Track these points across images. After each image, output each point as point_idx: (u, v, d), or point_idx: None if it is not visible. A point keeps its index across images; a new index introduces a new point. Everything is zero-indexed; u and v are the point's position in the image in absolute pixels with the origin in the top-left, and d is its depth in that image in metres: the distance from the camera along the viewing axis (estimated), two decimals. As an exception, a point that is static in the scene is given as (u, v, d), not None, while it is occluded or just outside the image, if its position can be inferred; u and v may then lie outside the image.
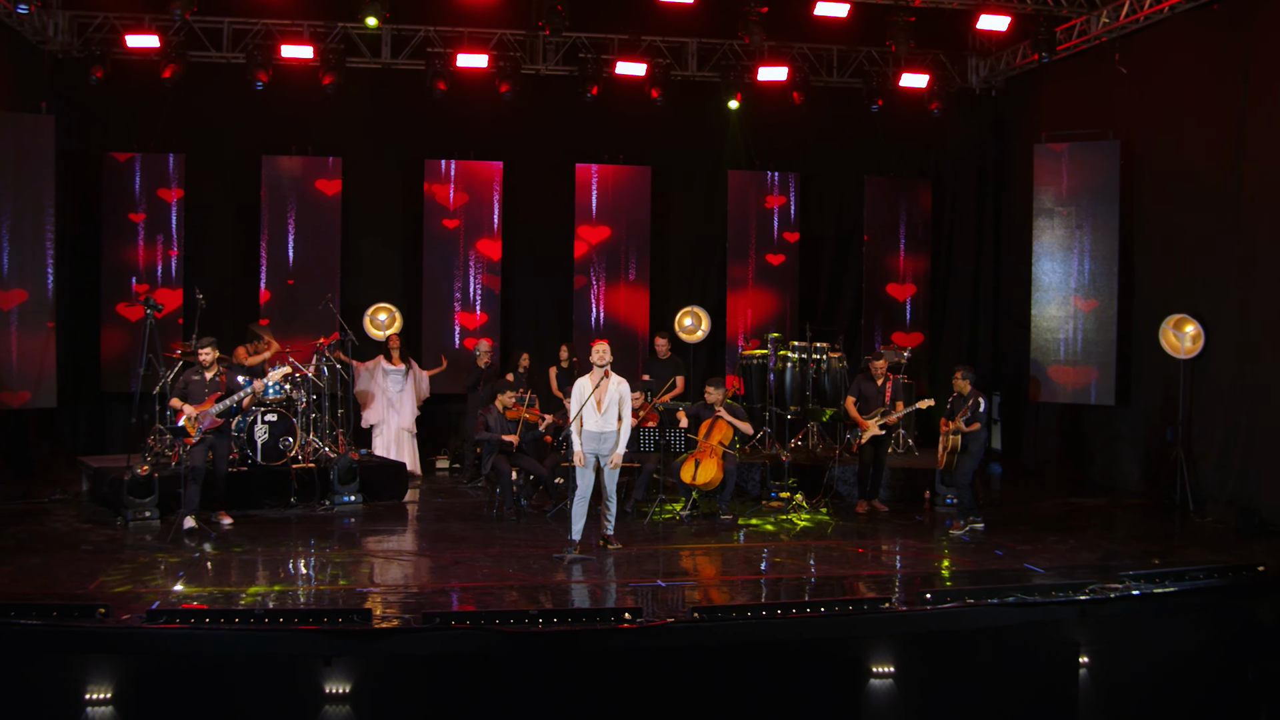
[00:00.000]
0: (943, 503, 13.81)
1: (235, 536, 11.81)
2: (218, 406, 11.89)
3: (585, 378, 11.21)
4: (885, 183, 17.67)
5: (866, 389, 13.57)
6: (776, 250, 17.46)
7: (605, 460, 11.12)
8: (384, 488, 13.83)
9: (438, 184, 16.66)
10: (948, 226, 18.06)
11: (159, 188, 16.00)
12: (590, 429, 11.06)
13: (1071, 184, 15.58)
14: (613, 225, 17.05)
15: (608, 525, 11.34)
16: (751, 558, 11.49)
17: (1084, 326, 15.44)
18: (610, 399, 11.08)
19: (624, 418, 11.15)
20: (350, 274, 16.48)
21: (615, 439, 11.13)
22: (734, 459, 13.28)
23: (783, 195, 17.50)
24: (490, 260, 16.80)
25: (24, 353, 14.33)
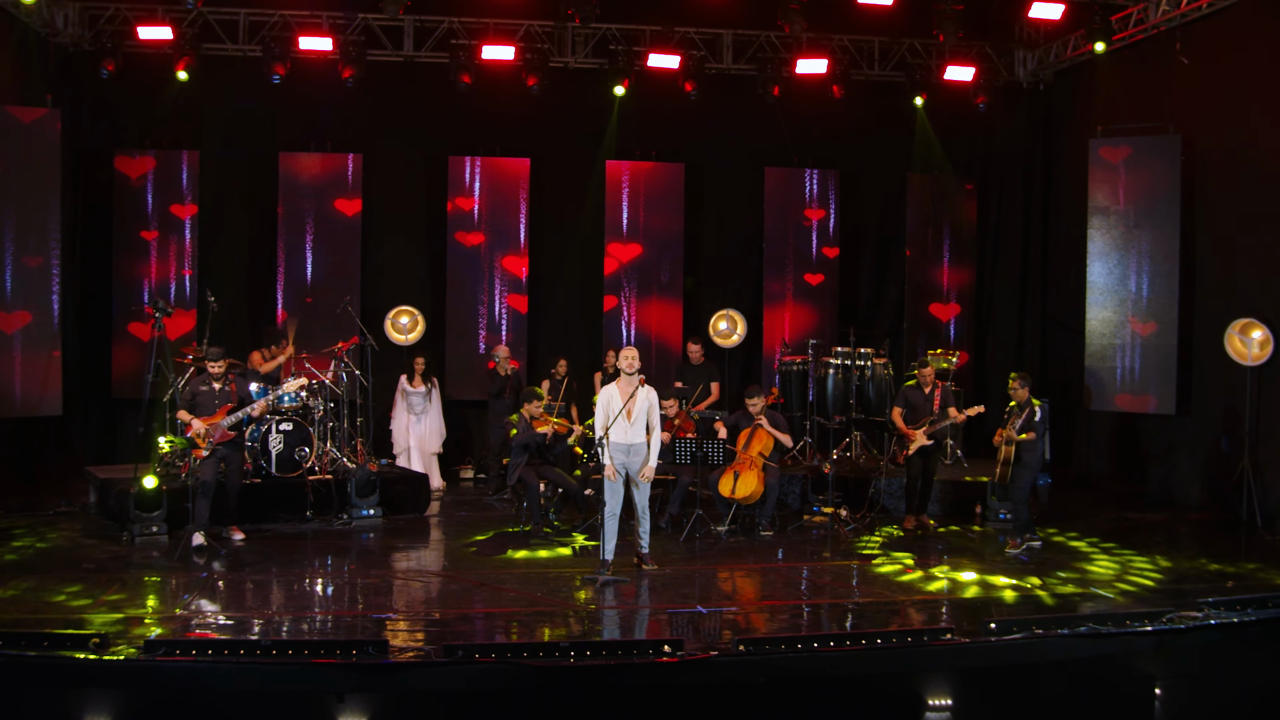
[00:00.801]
0: (995, 518, 13.01)
1: (246, 553, 11.12)
2: (228, 419, 11.20)
3: (612, 386, 10.47)
4: (928, 181, 16.84)
5: (914, 398, 12.78)
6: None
7: (635, 474, 10.38)
8: (405, 501, 13.12)
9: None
10: (993, 225, 17.23)
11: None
12: (619, 441, 10.33)
13: (1129, 181, 14.75)
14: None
15: (642, 543, 10.60)
16: (795, 579, 10.71)
17: (1142, 346, 14.58)
18: (639, 409, 10.34)
19: (654, 428, 10.40)
20: (370, 275, 15.78)
21: (646, 451, 10.39)
22: (775, 472, 12.52)
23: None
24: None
25: (28, 375, 13.74)
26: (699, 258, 16.65)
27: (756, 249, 16.69)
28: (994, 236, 17.22)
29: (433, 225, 16.05)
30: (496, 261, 15.97)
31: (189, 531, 10.99)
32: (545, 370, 14.93)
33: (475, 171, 15.90)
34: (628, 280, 16.25)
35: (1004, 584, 10.41)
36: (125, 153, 15.17)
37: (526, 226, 15.99)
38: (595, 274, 16.36)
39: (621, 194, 16.19)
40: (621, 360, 10.38)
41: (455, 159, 15.88)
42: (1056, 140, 16.85)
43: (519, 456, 12.29)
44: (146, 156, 15.22)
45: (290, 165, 15.52)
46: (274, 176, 15.46)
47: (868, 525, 12.77)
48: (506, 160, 15.98)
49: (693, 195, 16.44)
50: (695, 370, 14.31)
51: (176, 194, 15.25)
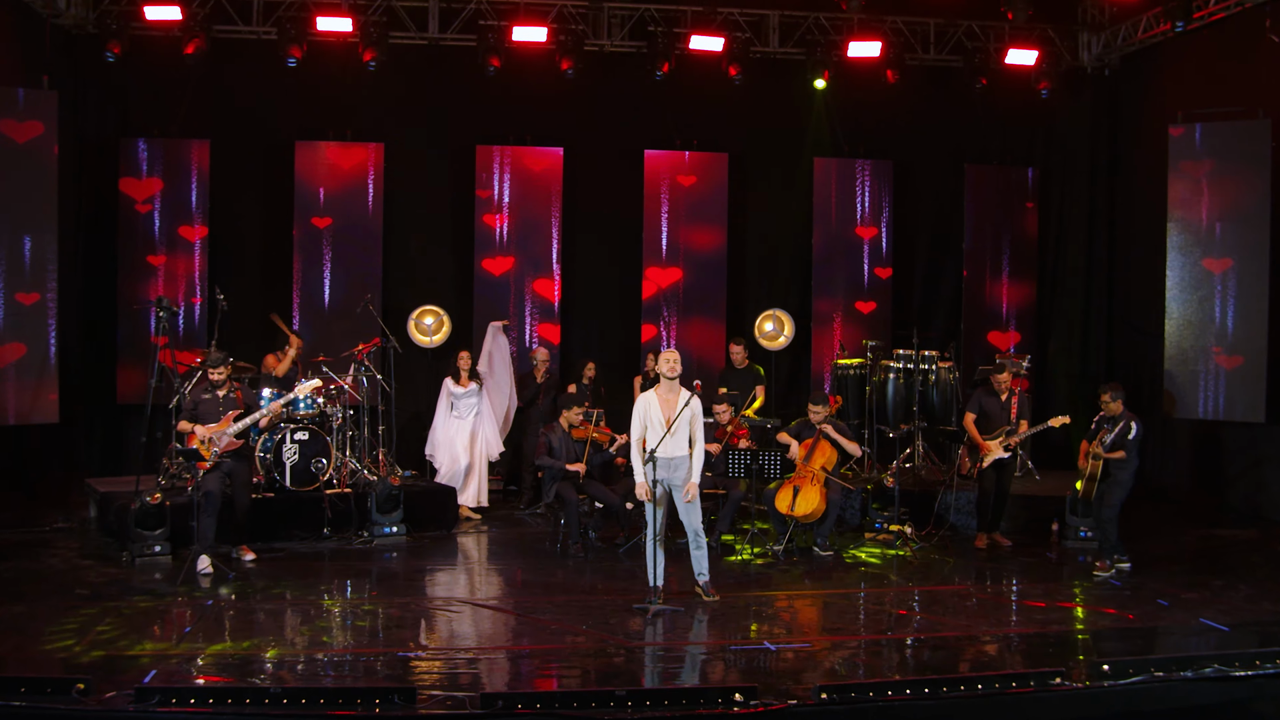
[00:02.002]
0: (1075, 536, 11.82)
1: (257, 576, 10.01)
2: (234, 426, 10.10)
3: (650, 393, 9.31)
4: (987, 172, 15.66)
5: (988, 405, 11.61)
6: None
7: (678, 491, 9.21)
8: (431, 517, 11.99)
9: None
10: (1055, 220, 16.02)
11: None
12: (658, 454, 9.14)
13: (1212, 168, 13.52)
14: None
15: (700, 572, 9.41)
16: (868, 608, 9.53)
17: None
18: (682, 418, 9.15)
19: (697, 440, 9.24)
20: (393, 272, 14.65)
21: (688, 465, 9.22)
22: (838, 487, 11.37)
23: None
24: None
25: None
26: (743, 253, 15.47)
27: (805, 243, 15.50)
28: (1056, 233, 16.02)
29: (459, 219, 14.91)
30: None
31: (194, 553, 9.90)
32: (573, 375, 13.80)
33: (505, 162, 14.76)
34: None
35: (1100, 614, 9.22)
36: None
37: (559, 221, 14.83)
38: (633, 267, 15.19)
39: (661, 188, 15.01)
40: (661, 364, 9.23)
41: (484, 148, 14.75)
42: (1125, 128, 15.65)
43: (555, 471, 11.16)
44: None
45: (307, 155, 14.40)
46: (290, 167, 14.34)
47: (936, 544, 11.58)
48: (538, 150, 14.82)
49: (736, 187, 15.28)
50: (739, 375, 13.18)
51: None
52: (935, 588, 10.13)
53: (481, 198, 14.73)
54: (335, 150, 14.41)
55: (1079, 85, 15.80)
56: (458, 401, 12.64)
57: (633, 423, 9.26)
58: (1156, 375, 14.15)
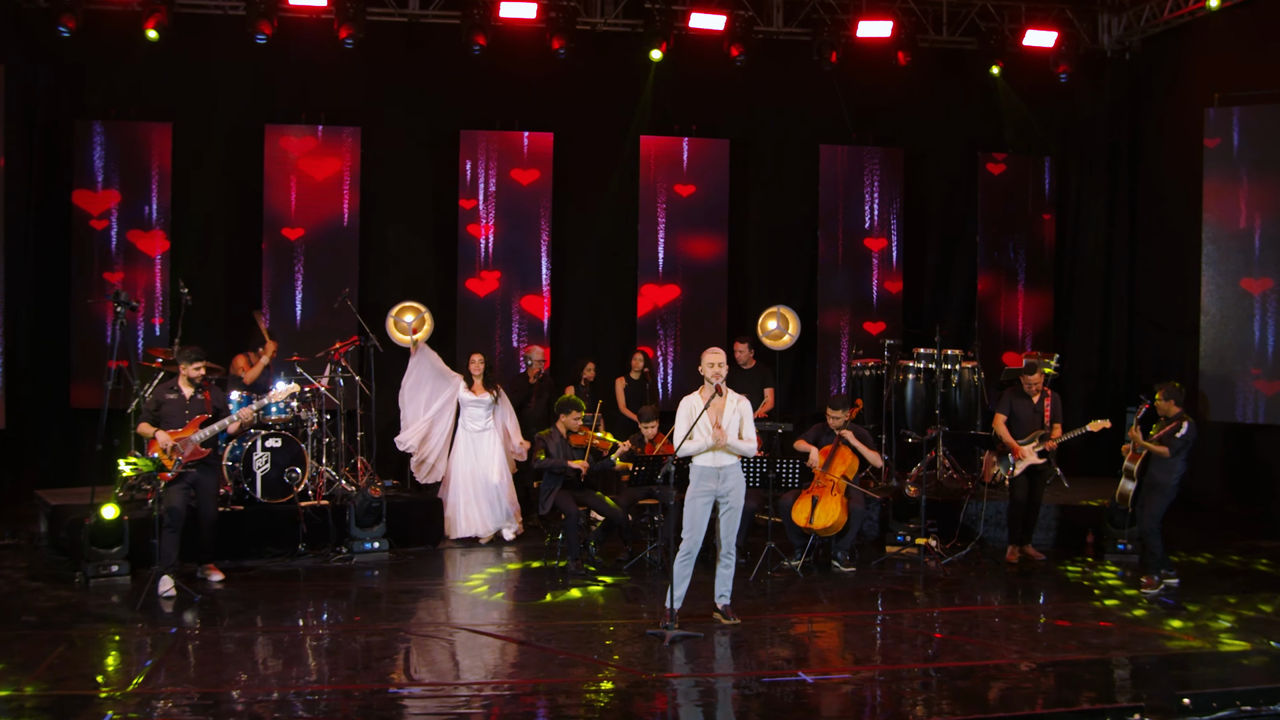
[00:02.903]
0: (1113, 548, 11.08)
1: (226, 599, 9.13)
2: (201, 433, 9.21)
3: (695, 395, 8.51)
4: (1001, 161, 14.90)
5: (1019, 407, 10.85)
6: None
7: (725, 503, 8.42)
8: (415, 531, 11.13)
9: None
10: (1072, 213, 15.29)
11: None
12: (705, 464, 8.38)
13: (1247, 155, 12.83)
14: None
15: (723, 593, 8.60)
16: (902, 630, 8.73)
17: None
18: (729, 422, 8.39)
19: (746, 437, 8.47)
20: (371, 266, 13.74)
21: (739, 475, 8.46)
22: (861, 497, 10.58)
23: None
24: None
25: None
26: (744, 245, 14.66)
27: (810, 236, 14.70)
28: (1073, 225, 15.28)
29: (441, 207, 14.02)
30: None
31: (155, 573, 9.01)
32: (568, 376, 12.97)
33: (491, 149, 13.89)
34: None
35: (1158, 636, 8.46)
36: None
37: (549, 211, 13.98)
38: (627, 262, 14.38)
39: (655, 173, 14.19)
40: (705, 366, 8.42)
41: (468, 133, 13.87)
42: (1146, 115, 14.94)
43: (552, 480, 10.33)
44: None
45: (278, 139, 13.48)
46: (259, 152, 13.41)
47: (965, 558, 10.80)
48: (527, 135, 13.95)
49: (737, 174, 14.47)
50: (746, 376, 12.34)
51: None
52: (972, 608, 9.39)
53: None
54: (307, 135, 13.49)
55: (1097, 69, 15.08)
56: (467, 409, 11.44)
57: (676, 425, 8.48)
58: (1186, 375, 13.44)
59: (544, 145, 13.95)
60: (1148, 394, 10.18)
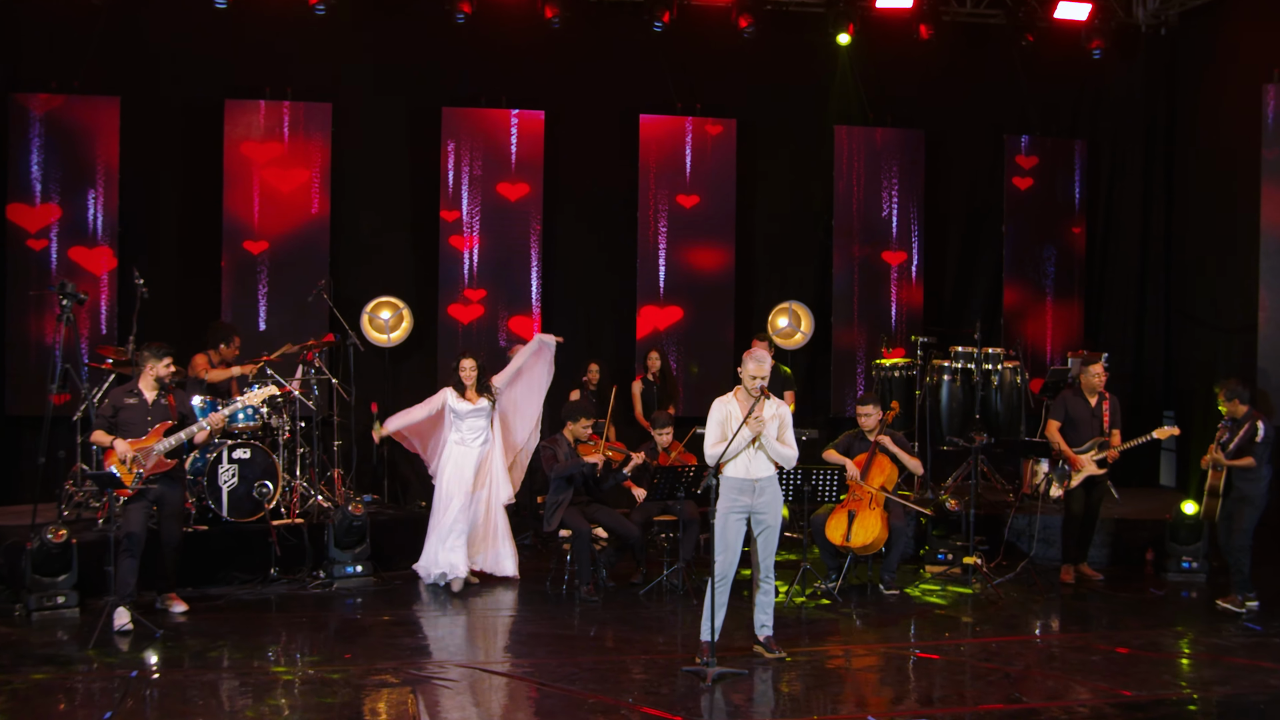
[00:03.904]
0: (1177, 567, 10.34)
1: (190, 634, 8.20)
2: (165, 442, 8.27)
3: (730, 398, 7.70)
4: (1030, 144, 14.18)
5: (1076, 410, 10.11)
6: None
7: (760, 521, 7.60)
8: (401, 553, 10.20)
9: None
10: (1104, 199, 14.56)
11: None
12: (738, 476, 7.58)
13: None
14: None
15: (764, 623, 7.78)
16: (966, 663, 7.90)
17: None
18: (769, 428, 7.61)
19: (787, 443, 7.69)
20: (344, 256, 12.77)
21: (775, 489, 7.68)
22: (901, 511, 9.79)
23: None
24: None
25: None
26: (752, 237, 13.83)
27: (824, 223, 13.90)
28: (1105, 215, 14.57)
29: (421, 194, 13.09)
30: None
31: (110, 605, 8.06)
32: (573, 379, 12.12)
33: (475, 126, 13.00)
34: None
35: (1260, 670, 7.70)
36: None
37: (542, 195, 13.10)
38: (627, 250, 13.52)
39: (656, 159, 13.34)
40: (747, 377, 7.60)
41: (451, 112, 12.97)
42: (1183, 95, 14.24)
43: (560, 493, 9.46)
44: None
45: (240, 116, 12.48)
46: (218, 130, 12.42)
47: (1015, 578, 10.01)
48: (515, 114, 13.05)
49: (745, 157, 13.64)
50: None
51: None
52: (1037, 636, 8.61)
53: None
54: (274, 110, 12.53)
55: (1130, 45, 14.37)
56: (459, 421, 9.74)
57: (708, 430, 7.70)
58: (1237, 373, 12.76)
59: (534, 127, 13.05)
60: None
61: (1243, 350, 12.83)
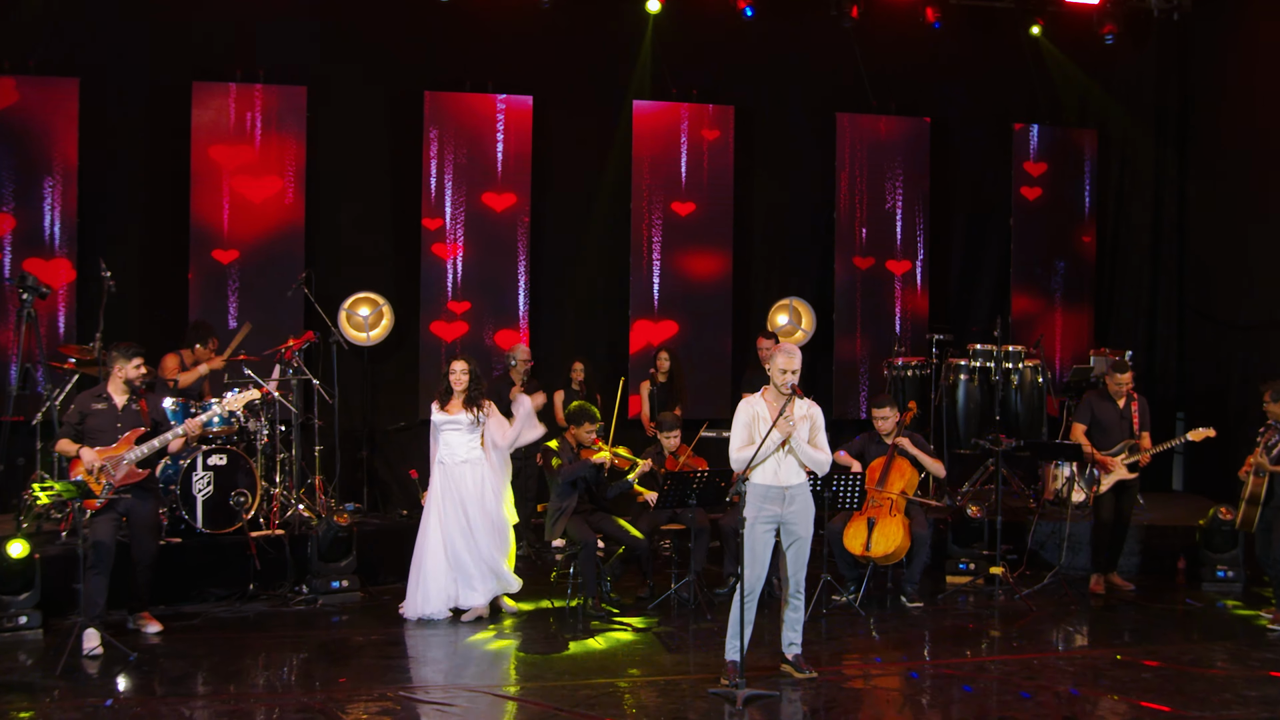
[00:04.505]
0: (1212, 576, 10.00)
1: (165, 656, 7.71)
2: (137, 450, 7.76)
3: (757, 399, 7.31)
4: (1039, 143, 13.83)
5: (1103, 412, 9.75)
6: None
7: (790, 531, 7.19)
8: (388, 565, 9.74)
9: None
10: (1114, 192, 14.25)
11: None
12: (766, 483, 7.18)
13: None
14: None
15: (793, 639, 7.38)
16: (1013, 679, 7.47)
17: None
18: (800, 432, 7.21)
19: (819, 446, 7.33)
20: (320, 260, 12.15)
21: (807, 498, 7.27)
22: (923, 518, 9.40)
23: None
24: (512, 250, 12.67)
25: None
26: (749, 229, 13.41)
27: (826, 216, 13.50)
28: (1116, 205, 14.25)
29: (402, 181, 12.59)
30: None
31: (79, 626, 7.54)
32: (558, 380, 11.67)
33: (460, 112, 12.52)
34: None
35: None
36: None
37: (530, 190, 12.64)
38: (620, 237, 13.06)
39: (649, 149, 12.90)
40: (776, 371, 7.21)
41: (435, 96, 12.48)
42: (1199, 81, 13.94)
43: (563, 500, 8.99)
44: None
45: (209, 99, 11.94)
46: (186, 114, 11.86)
47: (1043, 589, 9.64)
48: (502, 100, 12.57)
49: (743, 145, 13.23)
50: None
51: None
52: (1081, 652, 8.28)
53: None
54: (246, 93, 12.00)
55: (1142, 31, 14.05)
56: (441, 433, 8.75)
57: (734, 433, 7.30)
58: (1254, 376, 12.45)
59: (522, 113, 12.58)
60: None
61: (1263, 349, 12.55)
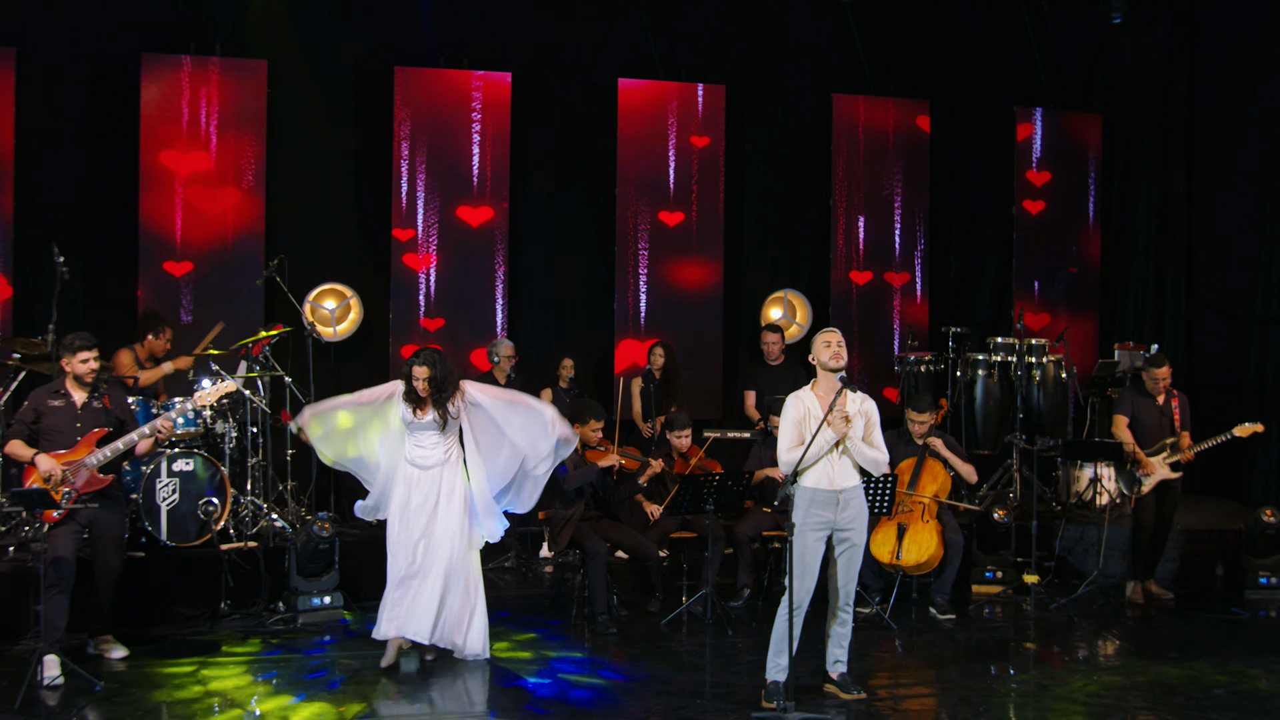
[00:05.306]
0: (1254, 583, 9.65)
1: (133, 684, 7.08)
2: (98, 454, 7.09)
3: (806, 392, 6.80)
4: (1042, 116, 13.50)
5: (1142, 408, 9.37)
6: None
7: (843, 539, 6.70)
8: (373, 579, 9.01)
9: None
10: (1119, 177, 13.93)
11: None
12: (816, 484, 6.66)
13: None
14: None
15: (840, 657, 6.89)
16: (1076, 696, 7.02)
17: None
18: (854, 428, 6.71)
19: (876, 444, 6.81)
20: (278, 234, 11.53)
21: (862, 502, 6.79)
22: (956, 524, 8.96)
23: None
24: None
25: None
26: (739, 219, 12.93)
27: (823, 203, 13.04)
28: (1120, 195, 13.93)
29: (371, 163, 11.96)
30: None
31: (37, 653, 6.87)
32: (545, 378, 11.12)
33: (433, 89, 11.92)
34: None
35: None
36: None
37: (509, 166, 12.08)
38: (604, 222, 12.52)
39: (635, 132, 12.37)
40: (820, 349, 6.74)
41: (405, 71, 11.86)
42: (1207, 62, 13.64)
43: (569, 507, 8.44)
44: None
45: (159, 74, 11.24)
46: (134, 91, 11.17)
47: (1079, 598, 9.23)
48: (478, 76, 12.00)
49: (733, 127, 12.73)
50: (776, 374, 10.75)
51: None
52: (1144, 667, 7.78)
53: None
54: (201, 68, 11.31)
55: (1148, 12, 13.75)
56: (414, 434, 7.47)
57: (782, 431, 6.79)
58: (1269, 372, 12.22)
59: (500, 90, 12.00)
60: None
61: (1277, 343, 12.29)
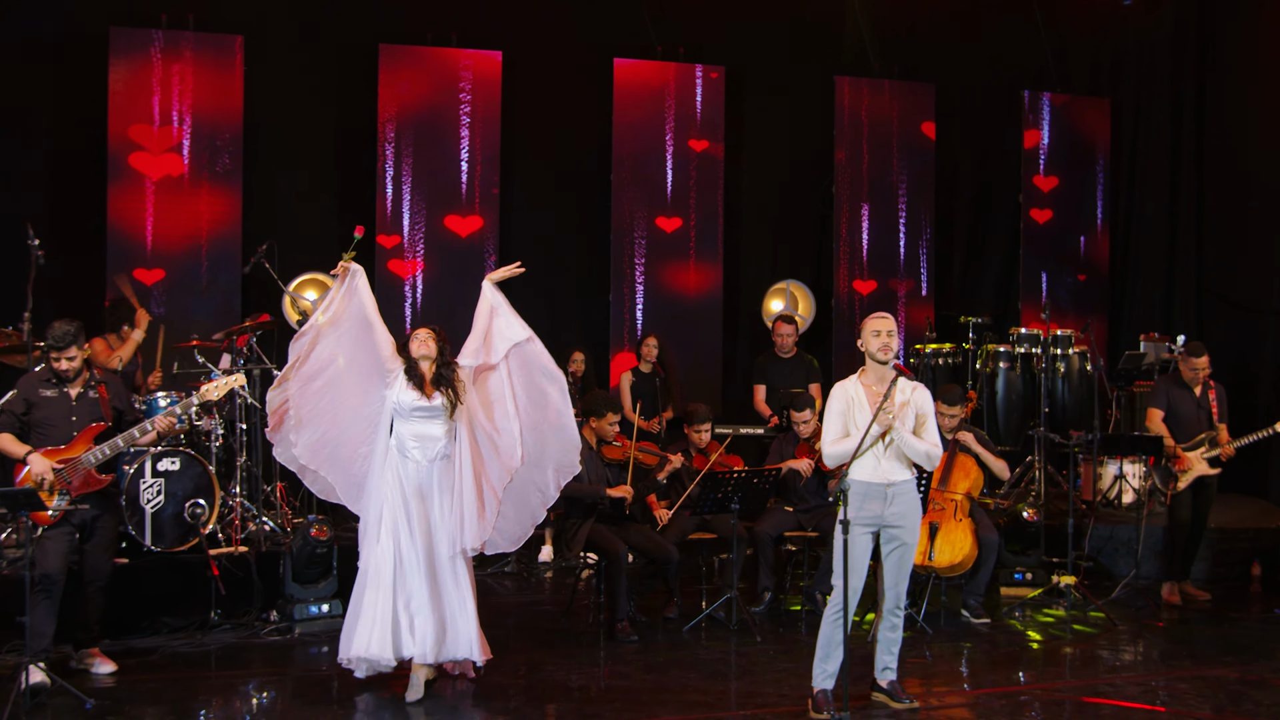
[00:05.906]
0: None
1: (125, 699, 6.67)
2: (96, 452, 6.69)
3: (851, 381, 6.50)
4: (1050, 101, 13.33)
5: (1179, 400, 9.16)
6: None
7: (892, 537, 6.41)
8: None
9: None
10: (1127, 168, 13.81)
11: None
12: (864, 478, 6.38)
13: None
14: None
15: (889, 663, 6.61)
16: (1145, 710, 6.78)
17: None
18: (905, 419, 6.44)
19: (929, 439, 6.49)
20: (255, 222, 11.15)
21: (913, 497, 6.48)
22: (989, 523, 8.72)
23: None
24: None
25: None
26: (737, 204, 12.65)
27: (824, 190, 12.81)
28: (1129, 183, 13.82)
29: (353, 148, 11.59)
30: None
31: (23, 664, 6.47)
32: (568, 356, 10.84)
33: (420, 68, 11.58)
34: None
35: None
36: None
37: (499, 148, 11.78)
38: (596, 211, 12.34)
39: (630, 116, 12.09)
40: (869, 338, 6.44)
41: (391, 49, 11.49)
42: (1219, 47, 13.52)
43: (582, 509, 8.11)
44: None
45: (130, 49, 10.83)
46: (102, 66, 10.75)
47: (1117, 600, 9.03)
48: (466, 53, 11.65)
49: (732, 111, 12.47)
50: (788, 366, 10.58)
51: None
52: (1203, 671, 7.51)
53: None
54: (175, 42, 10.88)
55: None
56: (407, 420, 6.70)
57: (827, 422, 6.49)
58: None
59: (490, 68, 11.67)
60: None
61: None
